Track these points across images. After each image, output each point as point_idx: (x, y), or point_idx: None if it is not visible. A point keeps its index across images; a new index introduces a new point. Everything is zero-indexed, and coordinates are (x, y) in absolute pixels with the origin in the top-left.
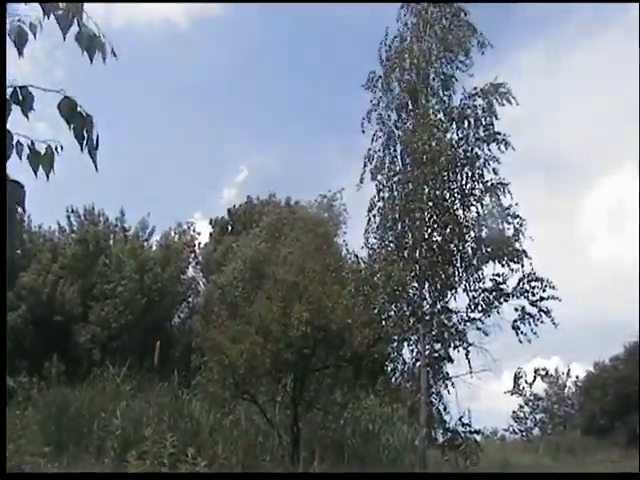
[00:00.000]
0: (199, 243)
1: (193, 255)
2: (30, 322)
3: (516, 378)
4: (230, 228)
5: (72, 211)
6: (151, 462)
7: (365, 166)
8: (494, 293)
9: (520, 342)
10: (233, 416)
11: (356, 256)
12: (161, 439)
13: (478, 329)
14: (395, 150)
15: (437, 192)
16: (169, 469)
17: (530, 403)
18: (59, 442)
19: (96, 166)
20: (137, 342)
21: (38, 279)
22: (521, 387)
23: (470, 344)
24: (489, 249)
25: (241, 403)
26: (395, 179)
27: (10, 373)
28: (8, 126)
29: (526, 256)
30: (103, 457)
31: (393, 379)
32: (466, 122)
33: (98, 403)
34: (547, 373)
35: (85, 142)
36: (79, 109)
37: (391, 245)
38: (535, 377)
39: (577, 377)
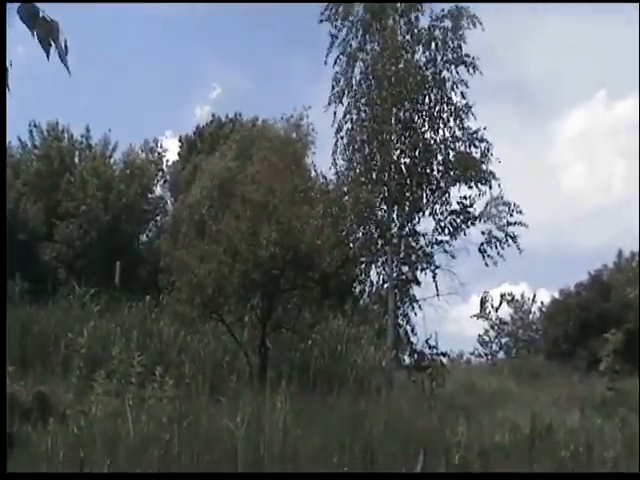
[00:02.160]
0: (167, 161)
1: (161, 173)
2: None
3: (482, 302)
4: (198, 146)
5: (35, 126)
6: (118, 381)
7: (333, 88)
8: (461, 216)
9: (486, 265)
10: (201, 336)
11: (324, 177)
12: (129, 358)
13: (445, 252)
14: (361, 72)
15: (405, 114)
16: (137, 388)
17: (496, 327)
18: (24, 361)
19: (68, 70)
20: (104, 261)
21: None
22: (487, 311)
23: (437, 267)
24: (457, 171)
25: (209, 323)
26: (363, 101)
27: None
28: None
29: (494, 178)
30: (70, 376)
31: (361, 301)
32: (434, 44)
33: (64, 323)
34: (513, 298)
35: (55, 48)
36: (42, 14)
37: (359, 167)
38: (501, 302)
39: (542, 303)
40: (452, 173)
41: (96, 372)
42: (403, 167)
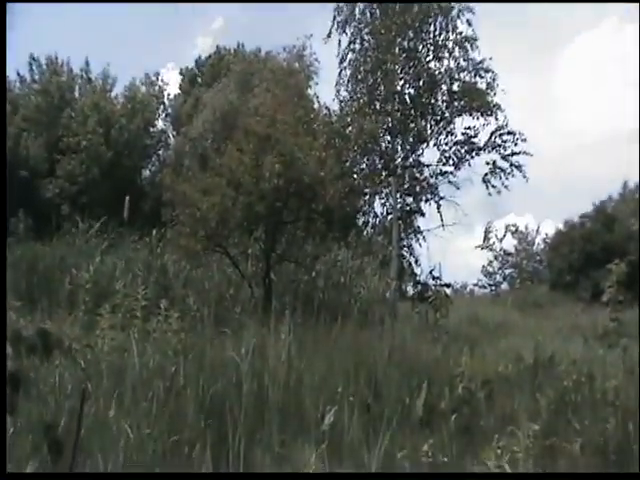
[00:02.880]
0: (168, 95)
1: (162, 107)
2: None
3: (486, 233)
4: (199, 79)
5: (33, 59)
6: (123, 315)
7: (334, 19)
8: (466, 147)
9: (490, 195)
10: (205, 269)
11: (327, 108)
12: (133, 292)
13: (450, 183)
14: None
15: (409, 43)
16: (141, 322)
17: (500, 258)
18: (31, 297)
19: None
20: (107, 197)
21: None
22: (491, 242)
23: (441, 198)
24: (462, 102)
25: (213, 256)
26: (366, 30)
27: None
28: None
29: (499, 109)
30: (75, 311)
31: (365, 232)
32: None
33: (69, 258)
34: (517, 229)
35: None
36: None
37: (363, 98)
38: (505, 233)
39: (547, 234)
40: (457, 104)
41: (101, 306)
42: (407, 97)
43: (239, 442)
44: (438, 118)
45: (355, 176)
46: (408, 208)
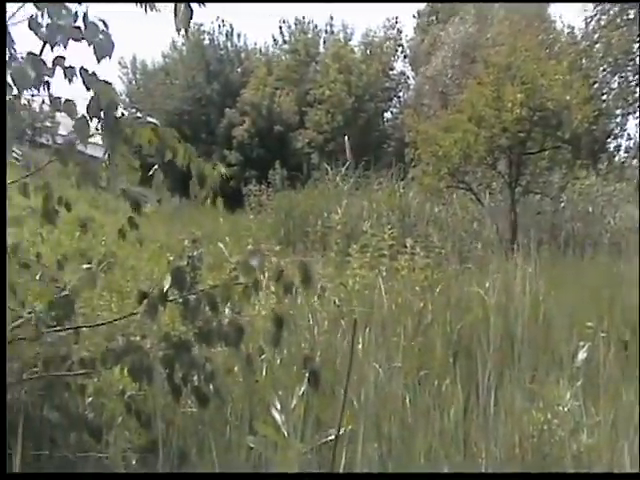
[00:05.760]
0: (406, 36)
1: (400, 49)
2: (254, 135)
3: None
4: (435, 18)
5: (283, 22)
6: (371, 254)
7: None
8: None
9: None
10: (447, 206)
11: (571, 27)
12: (380, 232)
13: None
14: None
15: None
16: (389, 260)
17: None
18: (288, 241)
19: None
20: (352, 142)
21: (257, 93)
22: None
23: None
24: None
25: (455, 193)
26: None
27: (244, 181)
28: None
29: None
30: (327, 251)
31: (617, 157)
32: None
33: (319, 203)
34: None
35: None
36: None
37: (613, 9)
38: None
39: None
40: None
41: (351, 247)
42: None
43: (488, 377)
44: None
45: (604, 97)
46: None
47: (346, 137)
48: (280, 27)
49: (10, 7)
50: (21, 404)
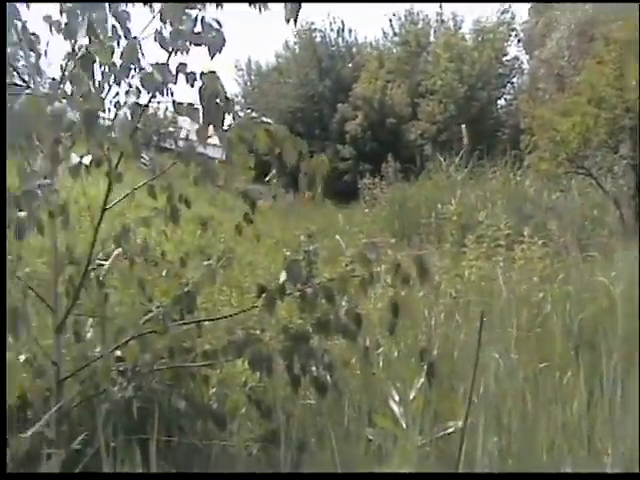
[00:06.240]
0: (520, 18)
1: (514, 34)
2: (367, 128)
3: None
4: None
5: (393, 14)
6: (487, 244)
7: None
8: None
9: None
10: (566, 193)
11: None
12: (496, 222)
13: None
14: None
15: None
16: (505, 250)
17: None
18: (402, 233)
19: None
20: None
21: (369, 87)
22: None
23: None
24: None
25: (574, 178)
26: None
27: (359, 175)
28: None
29: None
30: (443, 243)
31: None
32: None
33: (433, 195)
34: None
35: None
36: None
37: None
38: None
39: None
40: None
41: (466, 238)
42: None
43: (614, 370)
44: None
45: None
46: None
47: (463, 125)
48: (390, 20)
49: (139, 23)
50: (153, 393)
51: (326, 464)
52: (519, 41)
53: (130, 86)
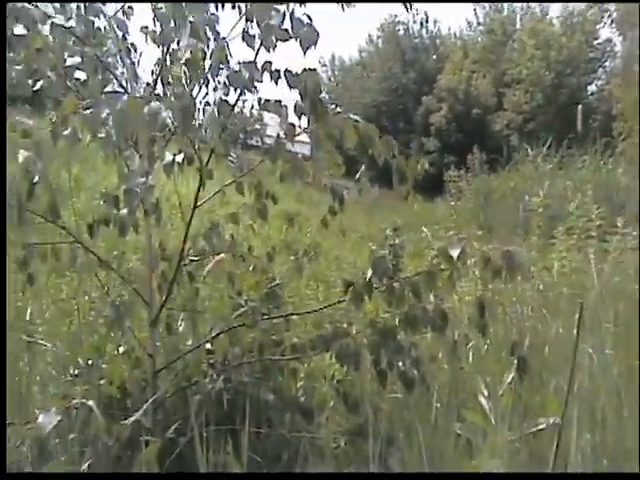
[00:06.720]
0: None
1: (607, 15)
2: (452, 120)
3: None
4: None
5: (478, 3)
6: (578, 236)
7: None
8: None
9: None
10: None
11: None
12: (586, 212)
13: None
14: None
15: None
16: (597, 241)
17: None
18: (488, 226)
19: None
20: (553, 120)
21: (453, 78)
22: None
23: None
24: None
25: None
26: None
27: (444, 167)
28: None
29: None
30: (530, 235)
31: None
32: None
33: (520, 186)
34: None
35: None
36: None
37: None
38: None
39: None
40: None
41: (555, 229)
42: None
43: None
44: None
45: None
46: None
47: (579, 106)
48: (474, 9)
49: (227, 25)
50: (242, 385)
51: (414, 459)
52: (612, 22)
53: (218, 83)
